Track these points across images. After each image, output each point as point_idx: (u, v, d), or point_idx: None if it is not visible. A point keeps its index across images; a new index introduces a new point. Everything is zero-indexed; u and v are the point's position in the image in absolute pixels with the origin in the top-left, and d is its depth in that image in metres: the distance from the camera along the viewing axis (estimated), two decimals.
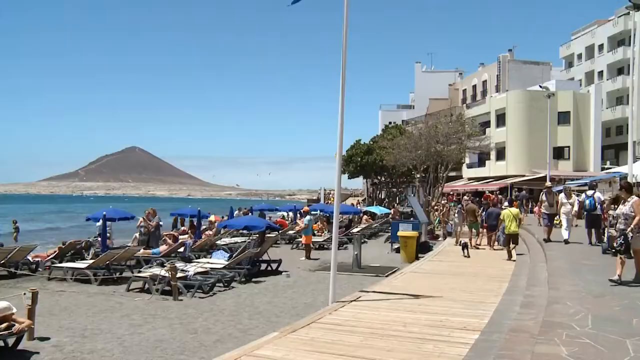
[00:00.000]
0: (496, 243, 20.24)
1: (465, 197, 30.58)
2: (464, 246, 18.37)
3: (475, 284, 12.56)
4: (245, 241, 20.30)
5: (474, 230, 21.30)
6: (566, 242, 17.30)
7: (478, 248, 20.43)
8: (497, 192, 38.62)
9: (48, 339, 8.95)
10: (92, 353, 8.19)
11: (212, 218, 29.55)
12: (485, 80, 60.59)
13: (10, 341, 8.27)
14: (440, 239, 25.40)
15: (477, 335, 7.53)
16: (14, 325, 8.08)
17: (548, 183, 19.07)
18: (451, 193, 47.09)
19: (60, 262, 17.02)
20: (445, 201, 37.19)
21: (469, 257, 17.78)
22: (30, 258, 17.49)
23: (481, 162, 50.31)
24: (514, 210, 17.92)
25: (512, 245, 17.29)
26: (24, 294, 9.06)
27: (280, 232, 25.96)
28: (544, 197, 19.31)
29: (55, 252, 18.48)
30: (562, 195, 18.58)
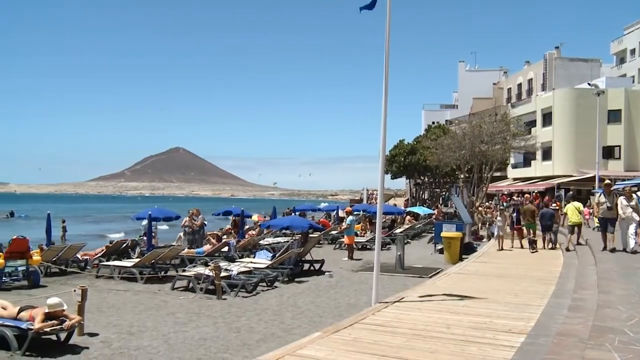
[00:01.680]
0: (550, 244, 19.94)
1: (514, 197, 30.01)
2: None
3: (520, 286, 12.32)
4: (288, 241, 20.41)
5: (530, 230, 21.04)
6: (634, 252, 15.13)
7: (522, 247, 20.10)
8: (535, 193, 37.81)
9: (97, 335, 9.17)
10: (138, 350, 8.36)
11: (255, 218, 29.78)
12: (531, 79, 59.39)
13: (62, 336, 8.54)
14: (484, 239, 25.03)
15: (523, 338, 7.38)
16: (65, 321, 8.33)
17: (607, 181, 17.23)
18: (505, 193, 46.29)
19: (108, 261, 17.43)
20: (491, 202, 36.69)
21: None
22: (79, 256, 17.97)
23: (526, 162, 49.28)
24: (577, 203, 18.85)
25: (572, 236, 18.23)
26: (74, 291, 9.32)
27: (322, 232, 26.00)
28: (602, 198, 16.72)
29: (102, 250, 18.95)
30: (621, 197, 16.91)
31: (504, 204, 35.54)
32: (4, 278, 13.95)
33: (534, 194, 34.76)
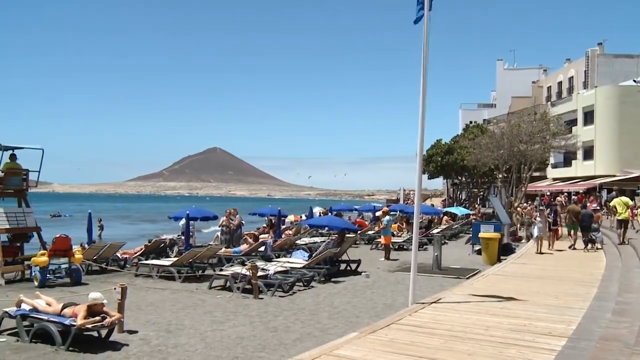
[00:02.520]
0: (590, 244, 19.61)
1: (558, 198, 29.44)
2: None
3: (560, 288, 12.10)
4: (324, 241, 20.42)
5: (572, 231, 20.72)
6: None
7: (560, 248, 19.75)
8: (580, 194, 37.01)
9: (136, 332, 9.32)
10: (176, 347, 8.47)
11: (291, 218, 29.87)
12: (572, 77, 58.12)
13: (103, 332, 8.71)
14: (523, 240, 24.65)
15: (564, 342, 7.24)
16: (106, 318, 8.50)
17: None
18: (547, 193, 45.48)
19: (146, 259, 17.69)
20: (531, 203, 36.10)
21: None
22: (119, 255, 18.30)
23: (567, 162, 48.30)
24: (624, 198, 19.09)
25: (621, 230, 18.73)
26: (114, 288, 9.49)
27: (359, 232, 25.94)
28: None
29: (141, 249, 19.26)
30: None
31: (544, 204, 34.98)
32: (48, 275, 14.30)
33: (579, 194, 34.05)
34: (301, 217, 34.09)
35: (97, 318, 8.42)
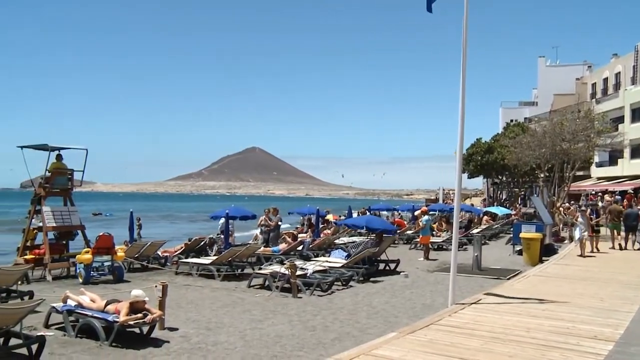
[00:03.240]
0: (637, 245, 19.15)
1: (607, 198, 28.71)
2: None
3: (606, 291, 11.82)
4: (363, 240, 20.37)
5: (615, 231, 20.22)
6: None
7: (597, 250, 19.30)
8: (628, 194, 35.99)
9: (177, 329, 9.46)
10: (216, 345, 8.56)
11: (330, 217, 29.89)
12: (619, 73, 56.54)
13: (145, 329, 8.87)
14: (566, 241, 24.16)
15: (611, 346, 7.07)
16: (148, 315, 8.66)
17: None
18: (593, 193, 44.44)
19: (186, 258, 17.91)
20: (573, 202, 35.34)
21: None
22: (159, 253, 18.59)
23: (612, 161, 47.01)
24: None
25: None
26: (155, 286, 9.65)
27: (398, 232, 25.81)
28: None
29: (181, 248, 19.53)
30: None
31: (588, 203, 34.16)
32: (92, 272, 14.62)
33: (627, 194, 33.13)
34: (340, 216, 34.10)
35: (139, 315, 8.59)
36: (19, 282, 11.85)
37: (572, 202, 36.89)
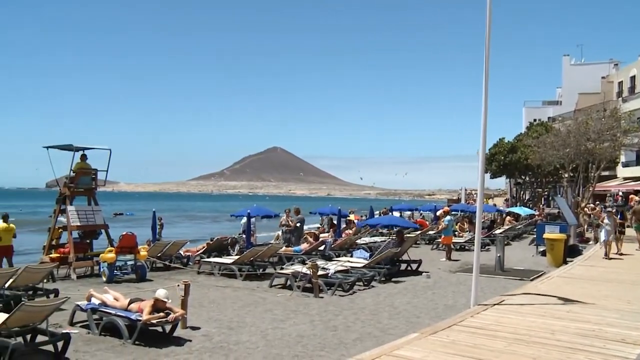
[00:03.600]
0: None
1: (637, 198, 28.19)
2: None
3: (633, 293, 11.63)
4: (385, 241, 20.31)
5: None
6: None
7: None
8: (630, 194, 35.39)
9: (199, 328, 9.51)
10: (237, 344, 8.59)
11: (352, 217, 29.85)
12: None
13: (167, 328, 8.94)
14: (591, 242, 23.84)
15: (639, 349, 6.94)
16: (170, 314, 8.72)
17: None
18: (619, 193, 43.77)
19: (208, 257, 18.00)
20: (598, 203, 34.86)
21: None
22: (182, 252, 18.72)
23: None
24: None
25: None
26: (178, 286, 9.72)
27: (420, 232, 25.70)
28: None
29: (203, 247, 19.64)
30: None
31: (615, 204, 33.66)
32: (115, 271, 14.78)
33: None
34: (362, 216, 34.05)
35: (162, 314, 8.66)
36: (45, 280, 12.02)
37: (597, 202, 36.40)
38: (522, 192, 59.23)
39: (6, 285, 10.89)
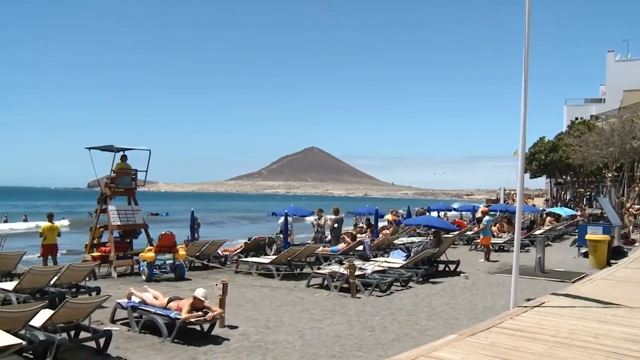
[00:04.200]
0: None
1: None
2: None
3: None
4: (422, 241, 20.18)
5: None
6: None
7: None
8: None
9: (236, 327, 9.59)
10: (275, 344, 8.63)
11: (389, 217, 29.74)
12: None
13: (205, 327, 9.03)
14: (637, 244, 23.24)
15: None
16: (208, 312, 8.81)
17: None
18: None
19: (246, 257, 18.14)
20: None
21: None
22: (220, 252, 18.90)
23: None
24: None
25: None
26: (216, 285, 9.82)
27: (458, 232, 25.44)
28: None
29: (241, 247, 19.79)
30: None
31: None
32: (154, 270, 15.01)
33: None
34: (399, 217, 33.88)
35: (200, 313, 8.75)
36: (87, 278, 12.28)
37: None
38: (563, 192, 58.15)
39: (51, 282, 11.21)
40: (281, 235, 20.60)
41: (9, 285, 11.42)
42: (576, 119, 58.90)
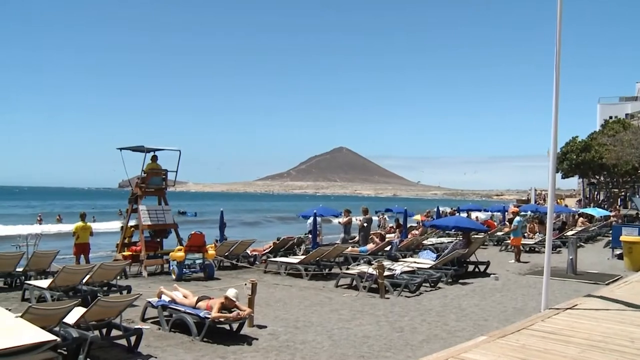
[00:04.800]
0: None
1: None
2: None
3: None
4: (452, 241, 20.01)
5: None
6: None
7: None
8: None
9: (265, 327, 9.62)
10: (304, 344, 8.63)
11: (418, 217, 29.57)
12: None
13: (235, 326, 9.08)
14: None
15: None
16: (238, 312, 8.86)
17: None
18: None
19: (275, 257, 18.20)
20: None
21: None
22: (248, 252, 18.99)
23: None
24: None
25: None
26: (245, 284, 9.87)
27: (488, 233, 25.17)
28: None
29: (270, 247, 19.87)
30: None
31: None
32: (184, 270, 15.15)
33: None
34: (428, 217, 33.66)
35: (229, 312, 8.80)
36: (118, 277, 12.45)
37: None
38: (596, 193, 57.19)
39: (83, 281, 11.41)
40: (310, 236, 20.61)
41: (44, 283, 11.72)
42: (610, 117, 57.92)
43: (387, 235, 22.12)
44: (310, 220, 20.76)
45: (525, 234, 23.83)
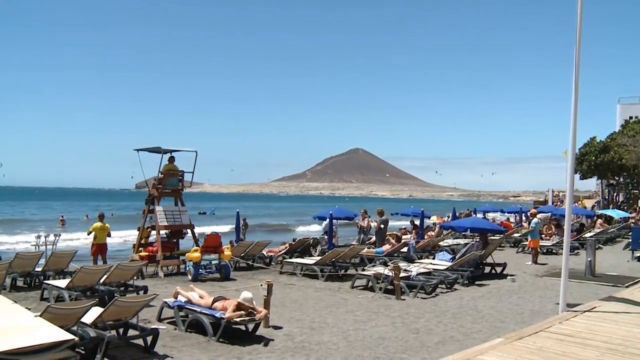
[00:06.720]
0: None
1: None
2: None
3: None
4: (468, 243, 19.91)
5: None
6: None
7: None
8: None
9: (281, 328, 9.64)
10: (319, 345, 8.64)
11: (434, 219, 29.47)
12: None
13: (250, 327, 9.11)
14: None
15: None
16: (253, 313, 8.89)
17: None
18: None
19: (291, 258, 18.23)
20: None
21: None
22: (264, 252, 19.03)
23: None
24: None
25: None
26: (261, 285, 9.90)
27: (505, 234, 25.00)
28: None
29: (286, 248, 19.90)
30: None
31: None
32: (200, 270, 15.22)
33: None
34: (444, 218, 33.56)
35: (245, 312, 8.83)
36: (135, 278, 12.54)
37: None
38: (615, 194, 56.56)
39: (100, 281, 11.51)
40: (326, 237, 20.62)
41: (62, 282, 11.84)
42: (630, 117, 57.25)
43: (403, 237, 22.08)
44: (326, 221, 20.78)
45: (542, 236, 23.64)
